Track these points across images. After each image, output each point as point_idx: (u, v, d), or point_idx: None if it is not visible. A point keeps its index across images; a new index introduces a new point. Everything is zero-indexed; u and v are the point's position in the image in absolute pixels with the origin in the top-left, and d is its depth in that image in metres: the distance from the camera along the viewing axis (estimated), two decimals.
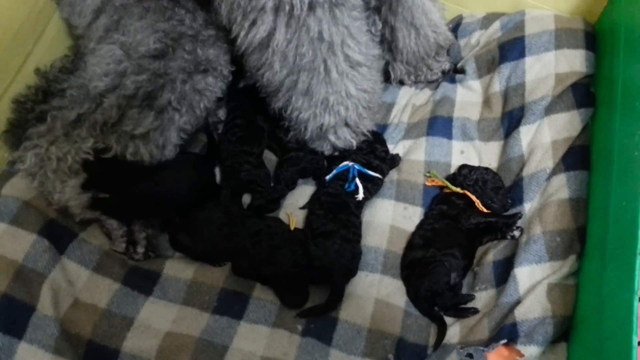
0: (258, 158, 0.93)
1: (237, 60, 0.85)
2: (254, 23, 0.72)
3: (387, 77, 1.04)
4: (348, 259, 0.82)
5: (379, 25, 0.91)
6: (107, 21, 0.78)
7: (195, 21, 0.79)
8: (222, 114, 0.98)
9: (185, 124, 0.82)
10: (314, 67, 0.78)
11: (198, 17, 0.79)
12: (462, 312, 0.80)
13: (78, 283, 0.79)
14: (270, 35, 0.73)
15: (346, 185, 0.88)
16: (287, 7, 0.68)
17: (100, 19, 0.79)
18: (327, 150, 0.94)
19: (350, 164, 0.90)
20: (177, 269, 0.84)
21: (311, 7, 0.69)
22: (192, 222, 0.84)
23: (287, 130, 0.93)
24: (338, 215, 0.85)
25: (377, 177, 0.91)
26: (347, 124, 0.90)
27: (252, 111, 0.95)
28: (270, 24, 0.71)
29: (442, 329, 0.79)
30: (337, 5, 0.71)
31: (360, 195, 0.88)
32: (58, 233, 0.81)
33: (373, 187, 0.91)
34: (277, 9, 0.70)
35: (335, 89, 0.82)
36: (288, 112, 0.85)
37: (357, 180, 0.88)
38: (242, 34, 0.73)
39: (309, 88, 0.80)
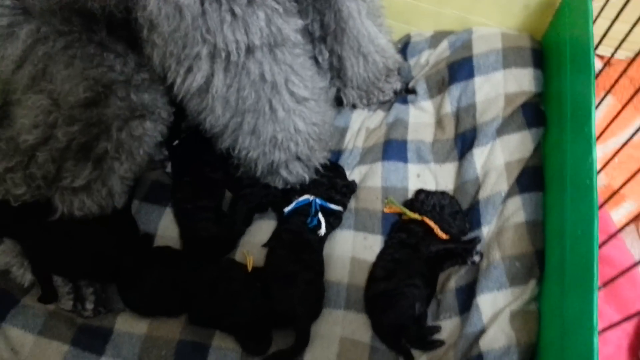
0: (218, 211, 0.90)
1: (178, 103, 0.81)
2: (189, 70, 0.68)
3: (339, 102, 1.02)
4: (312, 301, 0.80)
5: (326, 55, 0.89)
6: (33, 69, 0.73)
7: (127, 65, 0.74)
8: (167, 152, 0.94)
9: (127, 172, 0.78)
10: (259, 108, 0.75)
11: (129, 61, 0.75)
12: (429, 344, 0.79)
13: (23, 351, 0.74)
14: (208, 81, 0.69)
15: (308, 220, 0.86)
16: (224, 54, 0.65)
17: (25, 67, 0.74)
18: (279, 185, 0.91)
19: (311, 198, 0.88)
20: (130, 324, 0.80)
21: (249, 51, 0.66)
22: (142, 280, 0.80)
23: (237, 167, 0.90)
24: (301, 256, 0.82)
25: (339, 211, 0.89)
26: (298, 158, 0.87)
27: (198, 165, 0.91)
28: (207, 70, 0.68)
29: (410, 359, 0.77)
30: (277, 46, 0.69)
31: (323, 231, 0.86)
32: None
33: (335, 221, 0.89)
34: (212, 56, 0.66)
35: (282, 126, 0.79)
36: (236, 151, 0.82)
37: (320, 215, 0.86)
38: (179, 81, 0.70)
39: (255, 128, 0.78)
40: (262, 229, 0.92)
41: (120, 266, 0.80)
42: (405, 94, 1.07)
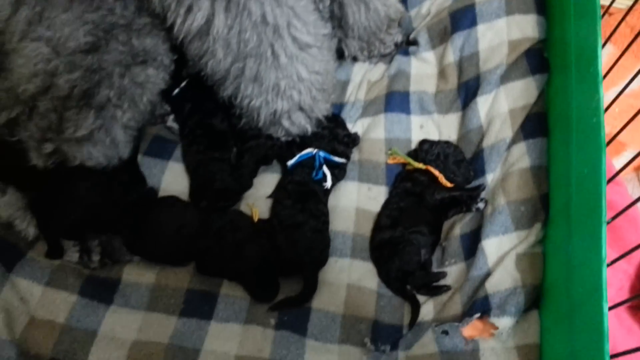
0: (229, 163, 0.89)
1: (179, 48, 0.79)
2: (189, 9, 0.66)
3: (340, 55, 1.00)
4: (319, 249, 0.80)
5: (327, 2, 0.87)
6: (29, 13, 0.71)
7: (127, 9, 0.72)
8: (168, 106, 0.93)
9: (130, 121, 0.77)
10: (261, 52, 0.74)
11: (129, 5, 0.73)
12: (434, 290, 0.80)
13: (32, 300, 0.74)
14: (209, 21, 0.68)
15: (313, 174, 0.85)
16: None
17: (21, 11, 0.71)
18: (282, 136, 0.90)
19: (314, 151, 0.87)
20: (138, 274, 0.80)
21: None
22: (150, 226, 0.80)
23: (240, 118, 0.89)
24: (306, 205, 0.82)
25: (343, 163, 0.89)
26: (301, 109, 0.86)
27: (205, 117, 0.89)
28: (208, 9, 0.66)
29: (415, 308, 0.78)
30: None
31: (329, 184, 0.86)
32: (3, 251, 0.76)
33: (340, 173, 0.89)
34: None
35: (285, 73, 0.78)
36: (238, 100, 0.81)
37: (325, 168, 0.85)
38: (179, 21, 0.68)
39: (257, 74, 0.76)
40: (266, 182, 0.92)
41: (127, 215, 0.79)
42: (406, 45, 1.05)
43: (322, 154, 0.88)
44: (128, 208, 0.81)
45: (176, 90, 0.92)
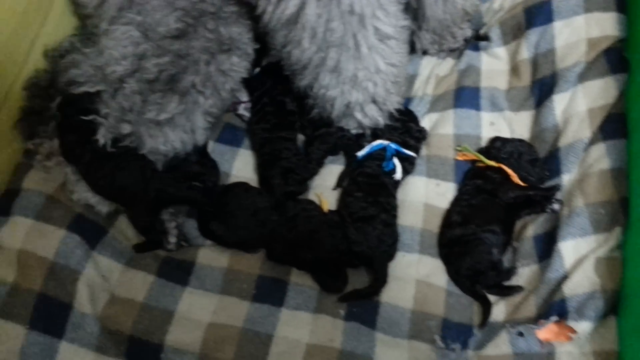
0: (294, 144, 0.90)
1: (260, 38, 0.80)
2: None
3: (410, 48, 1.00)
4: (389, 243, 0.80)
5: None
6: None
7: None
8: (243, 93, 0.94)
9: (211, 107, 0.78)
10: (344, 42, 0.74)
11: None
12: (506, 290, 0.79)
13: (112, 278, 0.77)
14: (300, 10, 0.68)
15: (384, 164, 0.85)
16: None
17: None
18: (353, 128, 0.90)
19: (386, 142, 0.87)
20: (211, 258, 0.81)
21: None
22: (225, 210, 0.81)
23: (311, 108, 0.89)
24: (378, 199, 0.82)
25: (413, 156, 0.88)
26: (374, 101, 0.86)
27: (279, 95, 0.90)
28: None
29: (486, 308, 0.77)
30: None
31: (399, 175, 0.85)
32: (87, 228, 0.78)
33: (409, 166, 0.88)
34: None
35: (364, 64, 0.78)
36: (314, 90, 0.82)
37: (395, 160, 0.85)
38: (270, 9, 0.69)
39: (337, 65, 0.77)
40: (333, 173, 0.92)
41: (203, 201, 0.81)
42: (476, 40, 1.04)
43: (393, 145, 0.88)
44: (203, 193, 0.82)
45: (257, 69, 0.92)
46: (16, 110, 0.81)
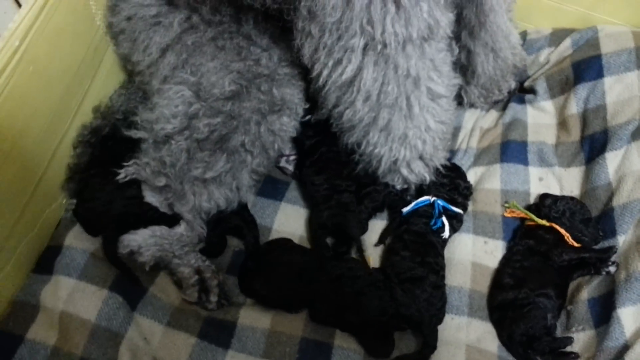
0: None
1: (310, 97, 0.80)
2: (339, 62, 0.66)
3: (458, 102, 0.98)
4: (438, 307, 0.77)
5: (456, 51, 0.86)
6: (175, 59, 0.73)
7: (271, 60, 0.73)
8: (286, 148, 0.93)
9: (258, 166, 0.78)
10: (397, 103, 0.73)
11: (273, 55, 0.74)
12: (561, 357, 0.75)
13: (153, 341, 0.74)
14: (356, 74, 0.68)
15: (432, 222, 0.83)
16: (379, 47, 0.63)
17: (167, 57, 0.74)
18: (398, 184, 0.88)
19: (432, 198, 0.85)
20: (253, 318, 0.79)
21: (403, 45, 0.64)
22: (268, 267, 0.80)
23: (357, 163, 0.88)
24: (426, 259, 0.80)
25: (460, 214, 0.86)
26: (421, 157, 0.85)
27: (334, 145, 0.89)
28: (358, 63, 0.66)
29: None
30: (426, 40, 0.66)
31: (447, 233, 0.83)
32: (128, 288, 0.76)
33: (457, 224, 0.86)
34: (366, 49, 0.64)
35: (415, 123, 0.77)
36: (362, 147, 0.80)
37: (444, 218, 0.83)
38: (325, 73, 0.68)
39: (388, 124, 0.76)
40: (375, 229, 0.90)
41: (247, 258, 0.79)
42: (520, 93, 1.02)
43: (441, 202, 0.85)
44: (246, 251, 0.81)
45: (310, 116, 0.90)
46: (64, 168, 0.81)
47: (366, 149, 0.80)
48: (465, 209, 0.88)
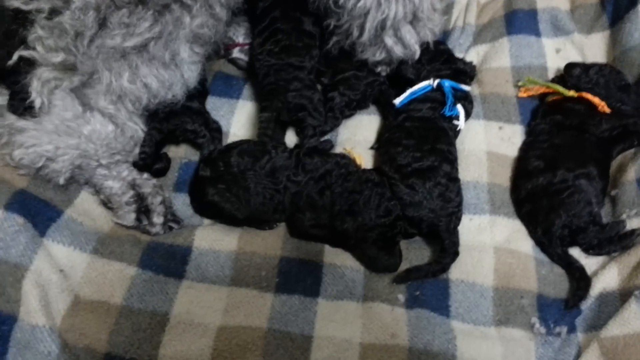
0: (309, 74, 0.69)
1: None
2: None
3: None
4: (456, 204, 0.59)
5: None
6: None
7: None
8: (239, 33, 0.73)
9: (201, 28, 0.57)
10: None
11: None
12: (617, 243, 0.59)
13: (74, 273, 0.54)
14: None
15: (445, 110, 0.65)
16: None
17: None
18: (380, 59, 0.70)
19: (435, 82, 0.67)
20: (213, 239, 0.60)
21: None
22: (228, 173, 0.60)
23: (331, 34, 0.70)
24: (437, 146, 0.62)
25: (469, 92, 0.70)
26: (414, 19, 0.66)
27: (295, 9, 0.69)
28: None
29: (584, 281, 0.57)
30: None
31: (462, 122, 0.66)
32: (33, 208, 0.55)
33: (468, 105, 0.69)
34: None
35: None
36: (342, 0, 0.61)
37: (459, 106, 0.66)
38: None
39: None
40: (363, 125, 0.72)
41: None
42: None
43: (447, 82, 0.67)
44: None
45: None
46: None
47: (347, 2, 0.61)
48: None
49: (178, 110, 0.63)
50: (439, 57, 0.72)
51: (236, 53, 0.75)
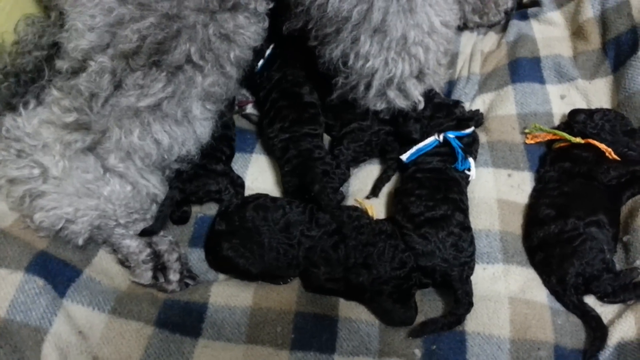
0: (322, 142, 0.71)
1: None
2: None
3: None
4: (469, 254, 0.60)
5: None
6: None
7: None
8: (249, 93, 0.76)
9: (212, 87, 0.59)
10: None
11: None
12: (632, 291, 0.59)
13: (93, 334, 0.54)
14: None
15: (458, 165, 0.67)
16: None
17: None
18: (381, 109, 0.71)
19: (440, 137, 0.69)
20: (229, 295, 0.60)
21: None
22: (243, 228, 0.61)
23: (335, 86, 0.71)
24: (449, 195, 0.63)
25: (473, 134, 0.71)
26: (420, 74, 0.68)
27: (293, 86, 0.72)
28: None
29: (601, 328, 0.57)
30: None
31: (474, 174, 0.68)
32: (53, 268, 0.56)
33: (475, 145, 0.71)
34: None
35: (416, 20, 0.61)
36: (350, 61, 0.63)
37: (471, 160, 0.68)
38: None
39: (383, 22, 0.59)
40: (374, 175, 0.74)
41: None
42: (523, 8, 0.89)
43: (451, 134, 0.69)
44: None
45: (261, 62, 0.74)
46: None
47: (355, 63, 0.63)
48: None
49: (202, 173, 0.65)
50: (439, 111, 0.73)
51: (249, 109, 0.77)
